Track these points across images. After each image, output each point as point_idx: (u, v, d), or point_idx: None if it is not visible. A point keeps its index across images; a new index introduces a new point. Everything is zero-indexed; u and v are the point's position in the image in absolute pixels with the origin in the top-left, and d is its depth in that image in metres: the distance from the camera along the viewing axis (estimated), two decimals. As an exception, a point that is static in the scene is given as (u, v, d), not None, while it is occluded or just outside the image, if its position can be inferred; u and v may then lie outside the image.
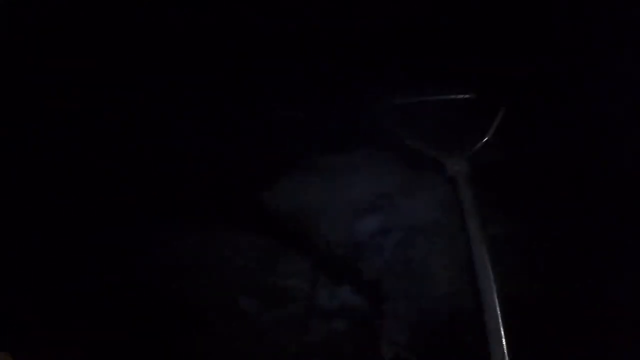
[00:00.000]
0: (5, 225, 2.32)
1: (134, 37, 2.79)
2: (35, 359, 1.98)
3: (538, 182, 2.59)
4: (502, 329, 1.62)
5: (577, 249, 2.20)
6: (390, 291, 2.44)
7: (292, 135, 3.13)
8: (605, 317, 1.88)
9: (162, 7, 2.79)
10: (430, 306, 2.19)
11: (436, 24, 2.98)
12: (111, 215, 2.64)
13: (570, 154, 2.59)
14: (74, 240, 2.48)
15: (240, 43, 3.07)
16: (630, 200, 2.26)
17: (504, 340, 1.60)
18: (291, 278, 2.54)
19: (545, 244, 2.29)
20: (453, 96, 2.92)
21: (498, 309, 1.74)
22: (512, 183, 2.57)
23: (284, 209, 2.87)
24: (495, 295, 1.79)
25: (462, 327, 1.98)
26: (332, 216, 2.85)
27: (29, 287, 2.26)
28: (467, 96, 2.92)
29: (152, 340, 2.26)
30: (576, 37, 2.80)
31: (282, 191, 2.94)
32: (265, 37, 3.06)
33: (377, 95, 3.09)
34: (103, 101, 2.75)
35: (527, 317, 1.92)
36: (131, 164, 2.85)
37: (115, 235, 2.58)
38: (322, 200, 2.92)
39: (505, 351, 1.57)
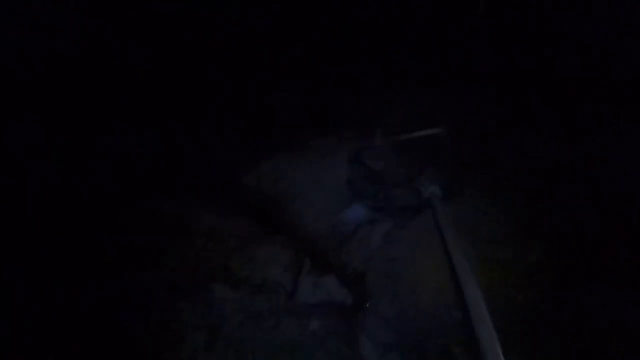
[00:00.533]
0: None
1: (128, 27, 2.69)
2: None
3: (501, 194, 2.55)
4: (498, 343, 1.50)
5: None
6: (374, 288, 2.29)
7: (278, 116, 2.96)
8: (599, 320, 1.81)
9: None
10: (415, 311, 2.05)
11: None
12: (86, 197, 2.49)
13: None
14: (53, 221, 2.33)
15: (235, 31, 2.97)
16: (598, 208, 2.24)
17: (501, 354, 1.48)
18: (271, 268, 2.37)
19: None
20: (424, 132, 2.99)
21: (489, 320, 1.61)
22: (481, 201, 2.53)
23: (268, 193, 2.70)
24: (483, 306, 1.67)
25: (450, 336, 1.86)
26: (317, 203, 2.69)
27: None
28: (436, 130, 2.99)
29: (115, 316, 2.10)
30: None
31: (266, 174, 2.77)
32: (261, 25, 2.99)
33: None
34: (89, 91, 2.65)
35: (518, 324, 1.81)
36: (111, 145, 2.69)
37: (91, 215, 2.43)
38: (307, 185, 2.75)
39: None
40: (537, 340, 1.82)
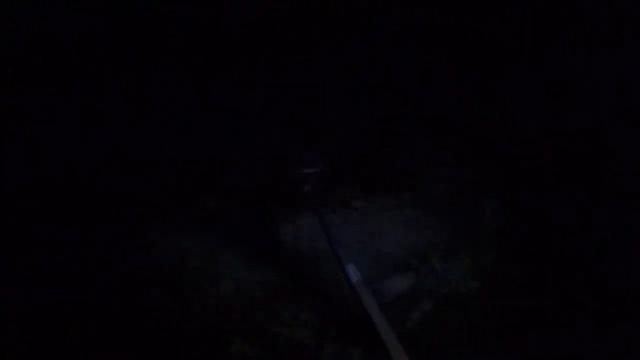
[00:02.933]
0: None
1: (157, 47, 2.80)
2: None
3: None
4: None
5: None
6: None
7: (327, 171, 2.89)
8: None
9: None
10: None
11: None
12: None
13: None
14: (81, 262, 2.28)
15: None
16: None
17: None
18: (297, 327, 2.18)
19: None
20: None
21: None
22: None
23: (304, 247, 2.56)
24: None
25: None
26: (357, 266, 2.50)
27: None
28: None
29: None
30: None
31: (306, 227, 2.64)
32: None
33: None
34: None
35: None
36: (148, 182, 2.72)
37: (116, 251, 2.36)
38: (350, 246, 2.59)
39: None
40: None
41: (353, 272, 2.06)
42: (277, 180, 2.80)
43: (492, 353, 1.97)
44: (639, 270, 2.18)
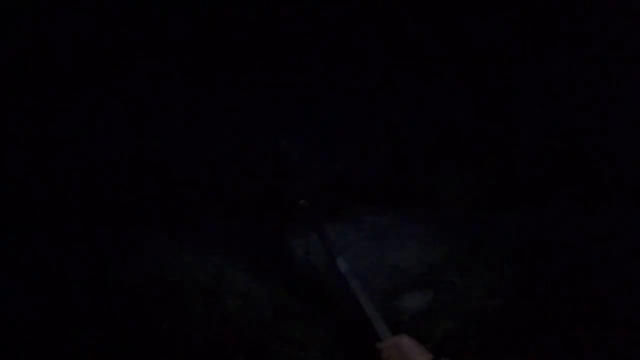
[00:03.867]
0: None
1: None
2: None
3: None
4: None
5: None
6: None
7: (341, 184, 2.82)
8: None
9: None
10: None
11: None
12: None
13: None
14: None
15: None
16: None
17: None
18: (304, 347, 2.07)
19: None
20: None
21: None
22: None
23: (316, 262, 2.46)
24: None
25: None
26: (373, 282, 2.38)
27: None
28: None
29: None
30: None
31: (319, 244, 2.54)
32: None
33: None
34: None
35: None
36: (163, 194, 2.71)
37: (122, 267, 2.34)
38: (365, 261, 2.47)
39: None
40: None
41: (342, 263, 1.94)
42: (285, 193, 2.75)
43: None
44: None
